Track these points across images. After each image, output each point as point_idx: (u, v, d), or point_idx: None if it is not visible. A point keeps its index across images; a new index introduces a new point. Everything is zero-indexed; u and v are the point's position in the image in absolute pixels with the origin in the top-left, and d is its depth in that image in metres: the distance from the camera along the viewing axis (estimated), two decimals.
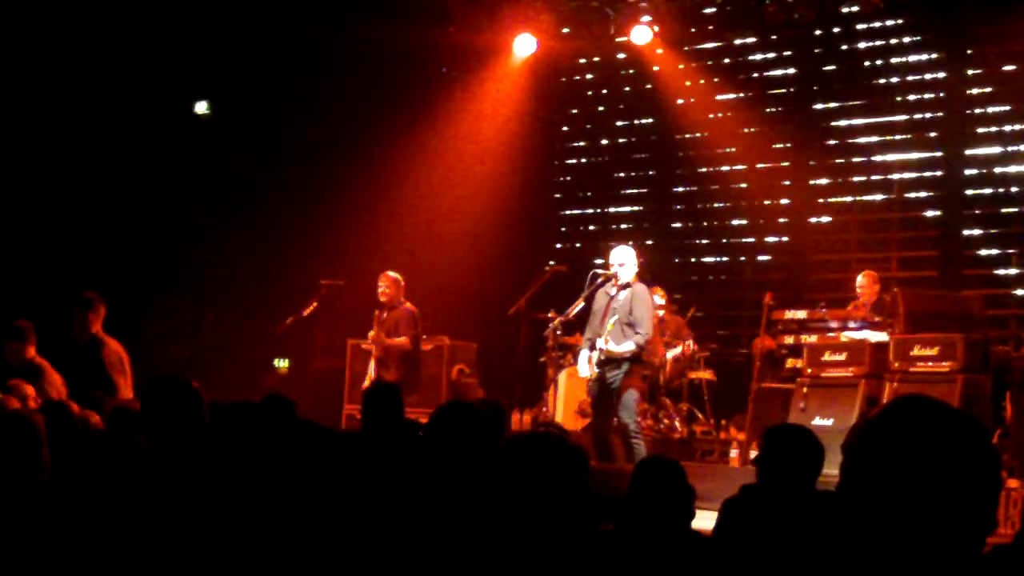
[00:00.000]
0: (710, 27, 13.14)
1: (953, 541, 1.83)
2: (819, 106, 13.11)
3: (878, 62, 12.59)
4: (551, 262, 12.41)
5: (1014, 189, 11.84)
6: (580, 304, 9.28)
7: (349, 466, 3.88)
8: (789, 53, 13.28)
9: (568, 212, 15.08)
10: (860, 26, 12.58)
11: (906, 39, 12.49)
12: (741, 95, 13.39)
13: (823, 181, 13.05)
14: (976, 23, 11.82)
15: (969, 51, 12.00)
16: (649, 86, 13.97)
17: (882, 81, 12.57)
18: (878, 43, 12.62)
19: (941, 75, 12.32)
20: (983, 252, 12.12)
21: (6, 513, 3.21)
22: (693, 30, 13.11)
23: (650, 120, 14.37)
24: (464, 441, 3.95)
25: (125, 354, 7.65)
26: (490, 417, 5.49)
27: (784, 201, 13.27)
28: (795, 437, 4.57)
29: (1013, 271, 11.84)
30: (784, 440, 4.55)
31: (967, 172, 12.21)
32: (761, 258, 13.49)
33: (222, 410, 4.91)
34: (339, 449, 4.28)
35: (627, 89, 14.43)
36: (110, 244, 12.11)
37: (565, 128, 15.06)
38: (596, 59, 14.53)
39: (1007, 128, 11.88)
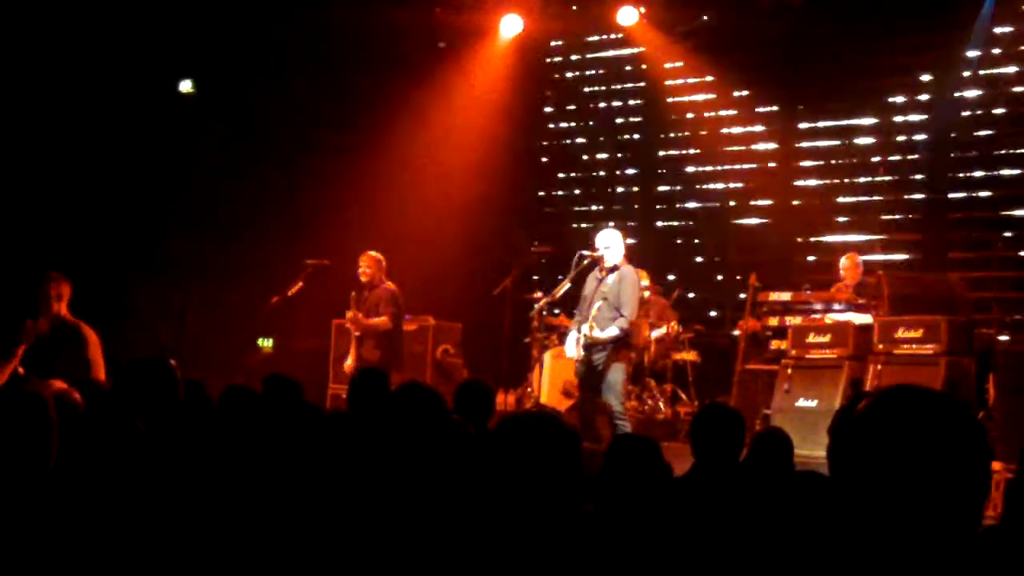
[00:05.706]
0: (696, 6, 13.09)
1: (948, 525, 1.84)
2: (805, 88, 13.11)
3: (864, 45, 12.58)
4: (536, 243, 12.39)
5: (999, 172, 11.88)
6: (566, 285, 9.28)
7: (337, 447, 3.87)
8: (775, 34, 13.23)
9: (554, 192, 15.07)
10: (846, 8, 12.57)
11: (893, 21, 12.48)
12: (727, 76, 13.36)
13: (808, 163, 13.06)
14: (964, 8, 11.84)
15: (955, 33, 12.01)
16: (635, 67, 13.94)
17: (869, 64, 12.58)
18: (864, 26, 12.60)
19: (927, 58, 12.34)
20: (967, 235, 12.16)
21: (17, 494, 3.18)
22: (679, 10, 13.06)
23: (635, 101, 14.36)
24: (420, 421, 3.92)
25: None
26: (483, 396, 5.51)
27: (769, 182, 13.28)
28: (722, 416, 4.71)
29: (996, 254, 11.90)
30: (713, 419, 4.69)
31: (952, 155, 12.25)
32: (746, 240, 13.50)
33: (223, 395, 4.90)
34: (326, 430, 4.28)
35: (613, 70, 14.39)
36: (92, 224, 12.04)
37: (551, 109, 15.03)
38: (582, 40, 14.48)
39: (994, 111, 11.92)
